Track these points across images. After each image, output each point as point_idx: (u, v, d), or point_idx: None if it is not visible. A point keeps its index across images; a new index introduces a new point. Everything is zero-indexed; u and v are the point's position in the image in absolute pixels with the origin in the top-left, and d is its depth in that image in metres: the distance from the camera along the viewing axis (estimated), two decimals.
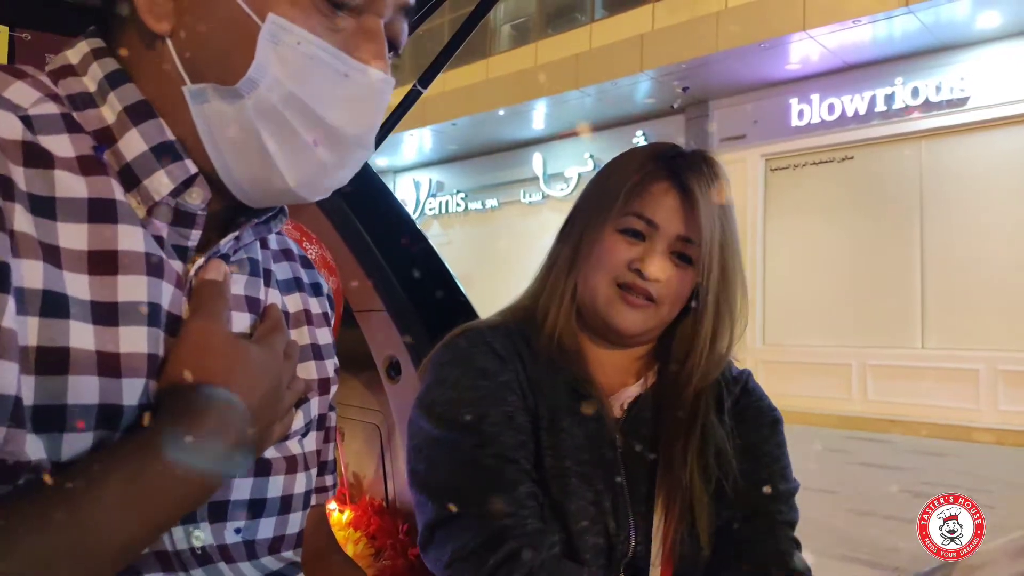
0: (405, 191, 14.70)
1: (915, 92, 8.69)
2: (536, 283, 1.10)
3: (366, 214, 1.63)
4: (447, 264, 1.68)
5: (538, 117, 11.64)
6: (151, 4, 0.56)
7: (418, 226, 1.70)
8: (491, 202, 13.26)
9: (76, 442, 0.51)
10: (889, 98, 8.87)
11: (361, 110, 0.59)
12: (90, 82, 0.58)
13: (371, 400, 1.72)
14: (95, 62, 0.59)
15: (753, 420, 1.08)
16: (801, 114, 9.56)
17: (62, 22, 1.15)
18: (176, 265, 0.59)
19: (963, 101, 8.44)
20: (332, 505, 1.69)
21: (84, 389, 0.51)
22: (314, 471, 0.74)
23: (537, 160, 12.35)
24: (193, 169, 0.58)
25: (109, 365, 0.52)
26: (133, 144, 0.57)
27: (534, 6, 12.18)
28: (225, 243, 0.62)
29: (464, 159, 13.56)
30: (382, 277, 1.57)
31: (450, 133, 12.42)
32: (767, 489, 1.02)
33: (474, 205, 13.53)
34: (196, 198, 0.59)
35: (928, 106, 8.64)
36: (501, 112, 11.33)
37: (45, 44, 1.15)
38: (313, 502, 0.77)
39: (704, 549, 0.98)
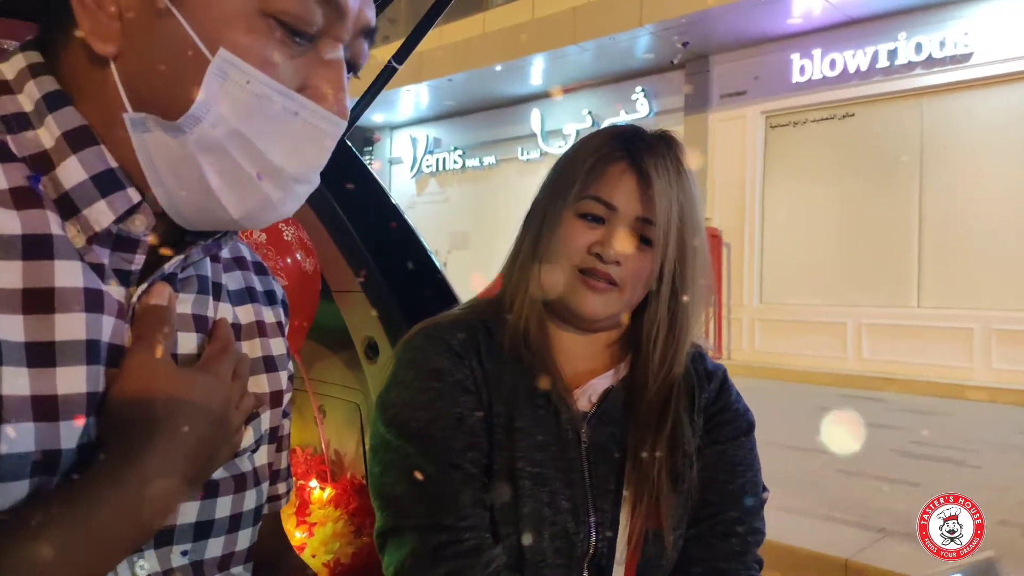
0: (402, 147, 14.56)
1: (918, 48, 8.52)
2: (502, 272, 1.08)
3: (343, 193, 1.61)
4: (423, 239, 1.67)
5: (536, 72, 11.45)
6: (95, 24, 0.53)
7: (397, 204, 1.69)
8: (489, 159, 13.13)
9: (12, 491, 0.49)
10: (892, 53, 8.71)
11: (308, 151, 0.57)
12: (26, 101, 0.55)
13: (351, 379, 1.73)
14: (32, 80, 0.56)
15: (730, 424, 1.07)
16: (802, 70, 9.39)
17: (13, 5, 1.11)
18: (118, 292, 0.58)
19: (967, 57, 8.28)
20: (313, 483, 1.72)
21: (20, 437, 0.49)
22: (265, 485, 0.74)
23: (535, 116, 12.19)
24: (136, 198, 0.56)
25: (45, 409, 0.51)
26: (72, 172, 0.54)
27: None
28: (171, 266, 0.60)
29: (461, 115, 13.38)
30: (358, 257, 1.56)
31: (447, 89, 12.23)
32: (738, 504, 1.02)
33: (471, 162, 13.40)
34: (139, 225, 0.57)
35: (931, 62, 8.48)
36: (498, 67, 11.13)
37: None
38: (266, 511, 0.77)
39: (668, 550, 0.98)
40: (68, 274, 0.53)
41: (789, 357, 9.27)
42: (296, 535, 1.62)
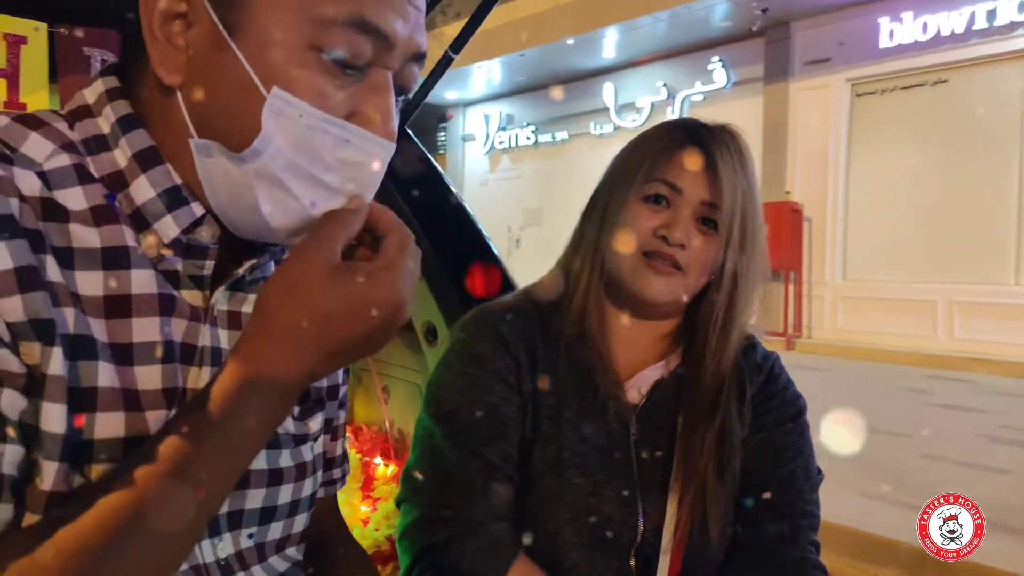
0: (474, 124, 14.61)
1: (1021, 6, 7.95)
2: (562, 261, 1.10)
3: (405, 183, 1.65)
4: (483, 227, 1.70)
5: (608, 45, 11.25)
6: (164, 56, 0.58)
7: (456, 192, 1.72)
8: (561, 134, 13.04)
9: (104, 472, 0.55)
10: (991, 14, 8.15)
11: (359, 174, 0.59)
12: (104, 124, 0.61)
13: (412, 361, 1.78)
14: (108, 104, 0.61)
15: (777, 411, 1.07)
16: (892, 34, 8.91)
17: (99, 15, 1.19)
18: (192, 296, 0.63)
19: None
20: (378, 460, 1.79)
21: (113, 424, 0.55)
22: (320, 473, 0.79)
23: (608, 90, 12.01)
24: (199, 212, 0.60)
25: (130, 401, 0.56)
26: (142, 190, 0.59)
27: None
28: (243, 270, 0.65)
29: (533, 90, 13.31)
30: (419, 246, 1.60)
31: (519, 64, 12.18)
32: (789, 488, 1.02)
33: (544, 138, 13.35)
34: (206, 235, 0.61)
35: None
36: (570, 41, 11.00)
37: (84, 37, 1.20)
38: (322, 494, 0.83)
39: (713, 542, 0.98)
40: (143, 282, 0.59)
41: (874, 336, 8.93)
42: (361, 509, 1.70)
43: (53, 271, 0.53)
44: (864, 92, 9.45)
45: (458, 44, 1.58)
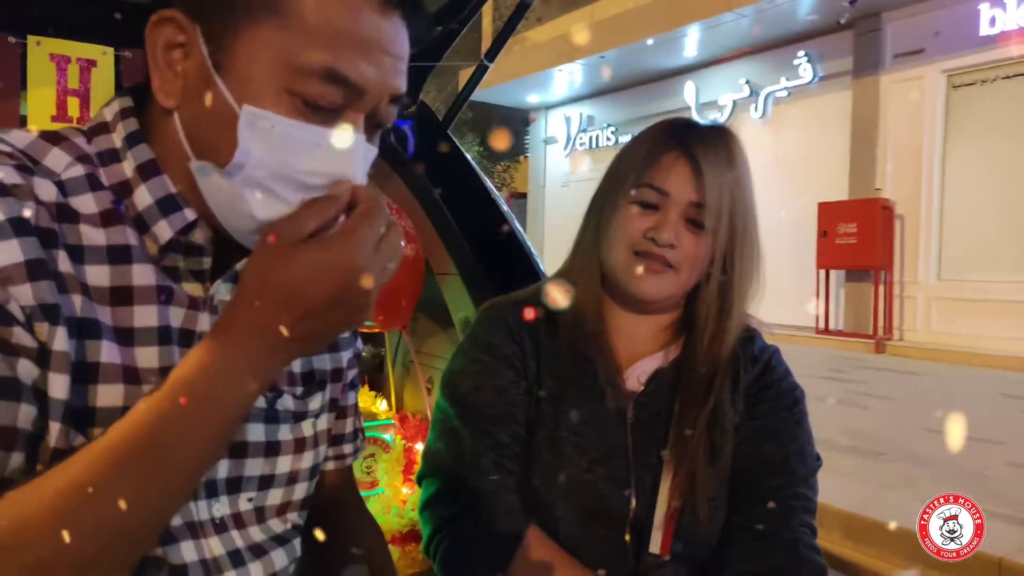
0: (556, 127, 14.68)
1: None
2: (568, 258, 1.17)
3: (445, 186, 1.75)
4: (521, 231, 1.77)
5: (690, 43, 11.10)
6: (163, 81, 0.66)
7: (496, 196, 1.80)
8: None
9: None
10: None
11: (343, 161, 0.64)
12: (117, 139, 0.70)
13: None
14: (121, 121, 0.71)
15: (771, 400, 1.11)
16: (992, 21, 8.42)
17: None
18: (193, 287, 0.71)
19: None
20: (419, 445, 1.90)
21: (112, 395, 0.63)
22: (323, 447, 0.87)
23: (689, 89, 11.85)
24: (191, 217, 0.68)
25: (129, 376, 0.65)
26: (143, 197, 0.68)
27: None
28: (240, 265, 0.71)
29: (614, 92, 13.26)
30: (456, 245, 1.70)
31: (599, 66, 12.18)
32: (782, 472, 1.05)
33: (624, 138, 13.22)
34: (199, 237, 0.70)
35: None
36: (650, 41, 10.92)
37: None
38: (333, 467, 0.93)
39: (701, 519, 1.03)
40: (143, 275, 0.67)
41: (970, 339, 8.45)
42: (402, 491, 1.80)
43: (64, 264, 0.62)
44: (961, 83, 8.96)
45: (492, 53, 1.67)
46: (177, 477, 0.59)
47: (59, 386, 0.60)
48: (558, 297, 1.11)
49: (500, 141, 16.33)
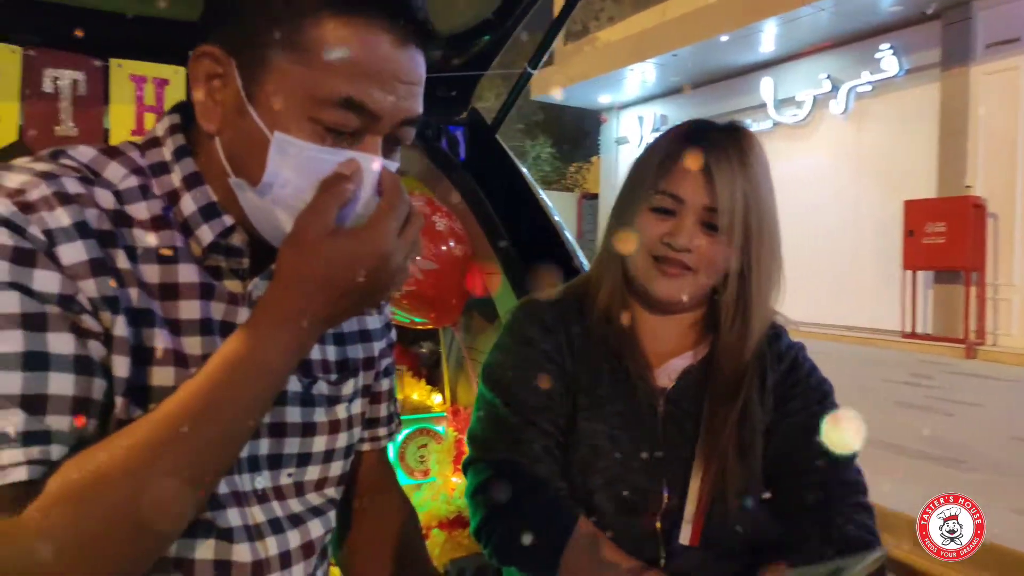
0: (628, 127, 14.59)
1: None
2: (595, 260, 1.23)
3: (492, 189, 1.82)
4: (566, 232, 1.83)
5: (766, 39, 10.84)
6: (204, 108, 0.74)
7: (542, 198, 1.86)
8: None
9: None
10: None
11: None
12: (167, 152, 0.80)
13: None
14: (170, 137, 0.80)
15: (802, 396, 1.13)
16: None
17: None
18: (234, 284, 0.80)
19: None
20: None
21: (163, 375, 0.72)
22: (357, 430, 0.95)
23: (766, 85, 11.57)
24: (229, 222, 0.76)
25: (180, 360, 0.73)
26: (187, 205, 0.76)
27: None
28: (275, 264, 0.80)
29: (688, 90, 13.09)
30: (501, 245, 1.77)
31: (672, 64, 12.04)
32: (821, 463, 1.07)
33: None
34: (237, 240, 0.79)
35: None
36: (724, 38, 10.73)
37: None
38: (368, 448, 1.01)
39: (730, 514, 1.06)
40: (187, 273, 0.76)
41: None
42: (452, 480, 1.88)
43: (122, 261, 0.71)
44: None
45: (536, 59, 1.72)
46: (224, 436, 0.68)
47: (121, 366, 0.69)
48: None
49: (572, 143, 16.32)
